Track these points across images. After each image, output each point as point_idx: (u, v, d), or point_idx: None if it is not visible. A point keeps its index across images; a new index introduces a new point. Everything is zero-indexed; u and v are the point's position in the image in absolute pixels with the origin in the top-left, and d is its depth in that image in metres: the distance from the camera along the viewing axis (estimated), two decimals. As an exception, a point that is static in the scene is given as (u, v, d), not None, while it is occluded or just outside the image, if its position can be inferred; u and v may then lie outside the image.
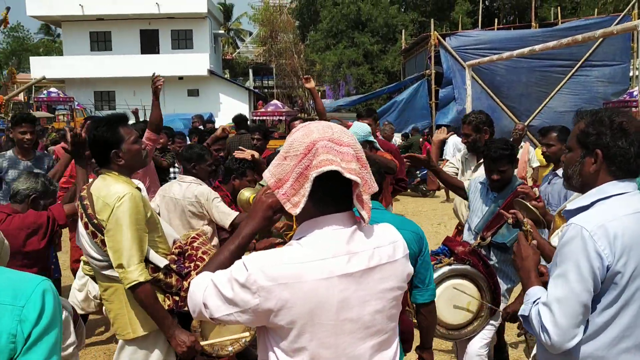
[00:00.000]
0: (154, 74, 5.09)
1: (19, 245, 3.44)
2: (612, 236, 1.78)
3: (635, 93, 17.41)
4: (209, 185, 4.41)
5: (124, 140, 2.82)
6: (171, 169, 6.53)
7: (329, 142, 1.48)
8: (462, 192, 4.03)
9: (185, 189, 4.17)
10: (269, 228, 1.76)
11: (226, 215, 4.07)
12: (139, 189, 2.89)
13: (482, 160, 3.95)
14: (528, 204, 2.56)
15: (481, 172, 3.98)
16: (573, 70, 19.55)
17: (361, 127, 4.80)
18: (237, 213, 4.11)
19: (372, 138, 4.83)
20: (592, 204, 1.89)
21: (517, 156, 7.52)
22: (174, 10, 33.04)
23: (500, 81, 19.86)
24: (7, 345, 1.25)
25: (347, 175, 1.45)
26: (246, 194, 3.98)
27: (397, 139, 17.84)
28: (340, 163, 1.46)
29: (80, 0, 32.62)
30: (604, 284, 1.81)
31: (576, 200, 1.94)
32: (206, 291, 1.52)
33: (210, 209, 4.11)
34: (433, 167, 4.01)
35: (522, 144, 7.76)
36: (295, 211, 1.48)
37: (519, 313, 1.98)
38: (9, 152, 5.15)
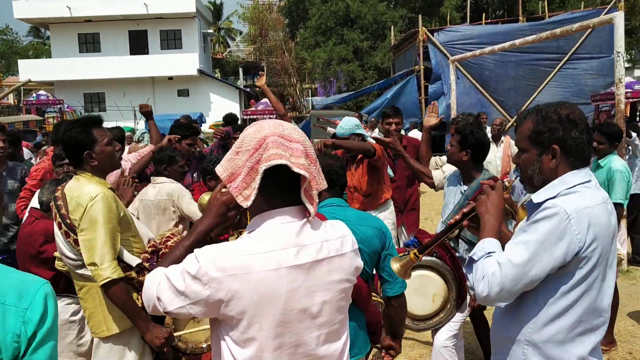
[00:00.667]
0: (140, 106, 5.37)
1: (34, 249, 3.49)
2: (587, 222, 1.81)
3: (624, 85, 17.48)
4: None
5: (96, 142, 2.86)
6: None
7: (279, 138, 1.54)
8: (428, 180, 4.12)
9: (158, 190, 4.23)
10: (224, 225, 1.80)
11: (196, 213, 4.12)
12: (112, 189, 2.93)
13: None
14: None
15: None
16: (561, 64, 19.64)
17: (348, 121, 4.86)
18: None
19: (360, 131, 4.87)
20: (558, 194, 1.90)
21: (500, 149, 7.60)
22: (162, 11, 32.98)
23: (489, 75, 19.93)
24: (11, 344, 1.28)
25: (295, 169, 1.51)
26: (206, 197, 4.03)
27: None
28: (289, 158, 1.51)
29: (68, 2, 32.53)
30: (569, 268, 1.84)
31: (541, 192, 1.94)
32: (160, 285, 1.56)
33: (181, 205, 4.17)
34: (398, 151, 4.08)
35: (503, 138, 7.77)
36: (247, 204, 1.53)
37: (469, 254, 1.99)
38: None
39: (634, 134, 7.07)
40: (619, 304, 4.78)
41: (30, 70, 31.51)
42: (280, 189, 1.56)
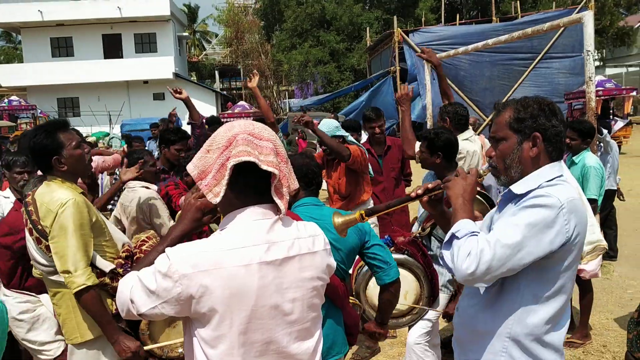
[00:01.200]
0: (175, 88, 5.26)
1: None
2: (575, 214, 1.83)
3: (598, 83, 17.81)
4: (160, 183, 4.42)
5: (64, 146, 2.80)
6: None
7: (249, 136, 1.57)
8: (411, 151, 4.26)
9: (132, 194, 4.15)
10: (199, 230, 1.81)
11: (163, 225, 4.07)
12: (84, 194, 2.88)
13: None
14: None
15: None
16: (534, 63, 19.92)
17: (329, 123, 4.87)
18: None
19: (340, 133, 4.88)
20: (539, 186, 1.88)
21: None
22: (136, 14, 32.67)
23: (464, 76, 20.13)
24: None
25: (264, 166, 1.53)
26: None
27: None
28: (258, 156, 1.54)
29: (39, 5, 32.04)
30: (554, 258, 1.83)
31: (521, 184, 1.92)
32: (132, 288, 1.56)
33: (151, 219, 4.09)
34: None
35: (476, 137, 7.80)
36: (216, 200, 1.55)
37: (450, 230, 1.91)
38: None
39: (605, 131, 7.20)
40: (593, 298, 4.85)
41: (1, 75, 30.95)
42: (250, 187, 1.58)
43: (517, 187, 1.93)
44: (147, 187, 4.22)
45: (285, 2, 32.48)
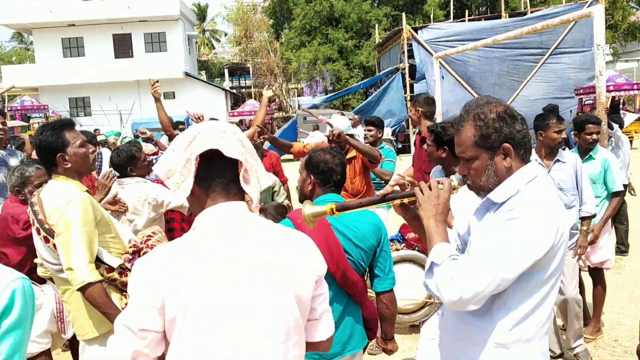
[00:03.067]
0: (151, 80, 5.12)
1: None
2: (556, 217, 1.79)
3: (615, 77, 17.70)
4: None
5: (69, 144, 2.84)
6: None
7: (212, 129, 1.57)
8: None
9: (128, 191, 4.14)
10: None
11: (182, 201, 4.10)
12: (89, 191, 2.91)
13: None
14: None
15: None
16: (544, 58, 19.79)
17: (343, 120, 4.90)
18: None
19: (352, 131, 4.95)
20: (518, 191, 1.84)
21: None
22: (146, 14, 32.83)
23: (473, 72, 20.03)
24: None
25: (228, 154, 1.51)
26: None
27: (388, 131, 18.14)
28: (223, 146, 1.53)
29: (50, 6, 32.27)
30: (541, 264, 1.78)
31: (499, 192, 1.88)
32: (124, 338, 1.48)
33: (165, 204, 4.13)
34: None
35: None
36: (185, 194, 1.53)
37: (429, 259, 1.85)
38: None
39: (615, 126, 7.15)
40: (606, 292, 4.85)
41: (14, 76, 31.22)
42: (218, 178, 1.54)
43: (495, 196, 1.89)
44: (145, 182, 4.22)
45: (293, 1, 32.50)
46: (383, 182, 5.46)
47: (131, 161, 4.21)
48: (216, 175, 1.54)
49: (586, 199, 4.26)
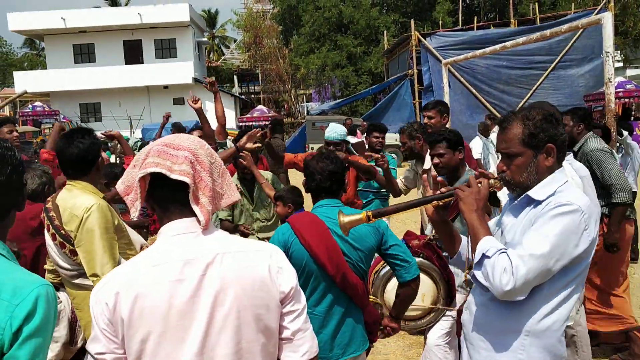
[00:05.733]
0: (193, 97, 5.35)
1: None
2: (594, 218, 1.94)
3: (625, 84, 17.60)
4: None
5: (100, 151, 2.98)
6: None
7: (163, 147, 1.53)
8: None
9: None
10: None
11: None
12: (104, 198, 2.97)
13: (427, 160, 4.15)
14: None
15: None
16: (552, 65, 19.73)
17: (339, 129, 4.95)
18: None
19: (346, 138, 4.97)
20: (555, 191, 1.98)
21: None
22: (156, 20, 33.07)
23: (481, 79, 20.00)
24: None
25: (173, 176, 1.48)
26: None
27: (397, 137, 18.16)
28: (171, 166, 1.49)
29: (62, 13, 32.60)
30: (577, 260, 1.92)
31: (539, 190, 2.00)
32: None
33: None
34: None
35: None
36: (135, 215, 1.54)
37: (479, 250, 1.94)
38: None
39: (625, 132, 7.14)
40: None
41: (25, 81, 31.47)
42: (168, 199, 1.54)
43: (536, 194, 2.00)
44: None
45: (303, 7, 32.62)
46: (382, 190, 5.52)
47: (115, 179, 4.30)
48: (168, 195, 1.53)
49: None
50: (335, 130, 4.86)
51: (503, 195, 3.40)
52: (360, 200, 5.22)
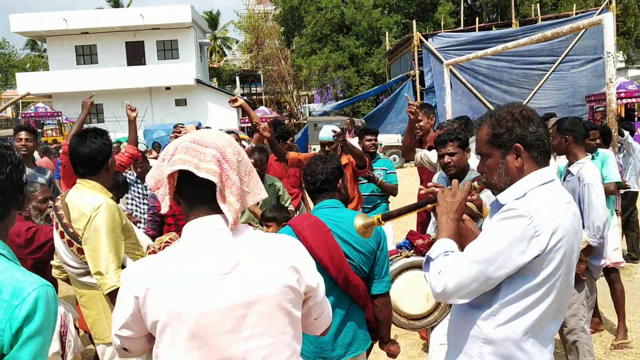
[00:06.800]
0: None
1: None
2: (550, 224, 1.79)
3: (626, 84, 17.61)
4: None
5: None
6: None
7: (191, 143, 1.53)
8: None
9: None
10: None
11: None
12: (113, 198, 3.00)
13: None
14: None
15: None
16: (554, 66, 19.79)
17: (328, 129, 5.11)
18: None
19: (351, 140, 5.13)
20: (525, 194, 1.87)
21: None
22: (158, 21, 33.11)
23: (483, 80, 20.06)
24: None
25: (200, 174, 1.48)
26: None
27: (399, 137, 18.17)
28: (198, 163, 1.49)
29: (64, 14, 32.65)
30: (533, 268, 1.81)
31: (507, 192, 1.92)
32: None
33: None
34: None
35: None
36: (164, 210, 1.56)
37: (427, 253, 1.95)
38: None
39: (626, 133, 7.16)
40: (624, 291, 4.90)
41: (28, 83, 31.55)
42: (196, 195, 1.54)
43: (502, 197, 1.93)
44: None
45: (305, 8, 32.66)
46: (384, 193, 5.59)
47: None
48: (195, 191, 1.54)
49: (585, 222, 3.69)
50: (328, 130, 5.03)
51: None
52: (362, 197, 5.35)
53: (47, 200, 3.85)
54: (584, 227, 3.74)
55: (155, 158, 7.15)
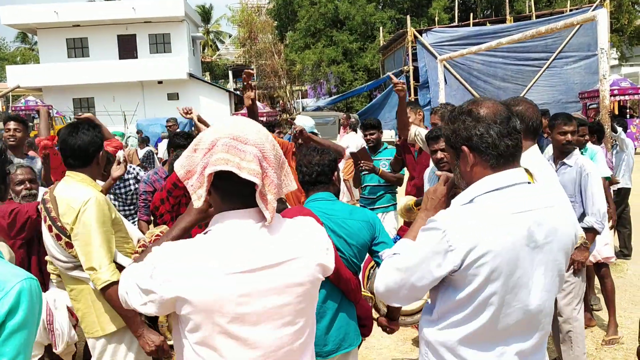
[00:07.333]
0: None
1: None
2: (469, 239, 1.67)
3: (620, 81, 17.67)
4: None
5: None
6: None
7: (232, 140, 1.50)
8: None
9: None
10: (205, 221, 1.81)
11: None
12: (102, 192, 2.96)
13: None
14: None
15: None
16: (548, 63, 19.83)
17: (308, 120, 5.10)
18: None
19: (315, 131, 5.19)
20: (471, 200, 1.77)
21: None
22: (150, 15, 32.93)
23: (477, 76, 20.08)
24: None
25: (243, 175, 1.47)
26: None
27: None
28: (239, 162, 1.47)
29: (55, 6, 32.40)
30: (458, 281, 1.73)
31: (457, 198, 1.84)
32: (129, 281, 1.58)
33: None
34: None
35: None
36: (199, 203, 1.52)
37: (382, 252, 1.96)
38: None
39: (619, 129, 7.17)
40: (614, 287, 4.93)
41: (18, 76, 31.30)
42: (233, 193, 1.54)
43: (453, 201, 1.85)
44: None
45: (298, 2, 32.56)
46: (389, 184, 5.55)
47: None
48: (234, 189, 1.54)
49: (590, 210, 3.87)
50: (303, 122, 5.03)
51: None
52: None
53: (22, 182, 3.88)
54: (588, 215, 3.89)
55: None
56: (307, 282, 1.59)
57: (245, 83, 4.49)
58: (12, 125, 5.17)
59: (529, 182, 1.79)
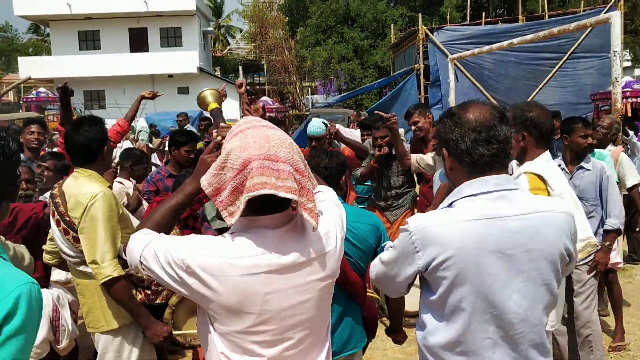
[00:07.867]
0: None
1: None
2: (437, 244, 1.68)
3: (632, 83, 17.50)
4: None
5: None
6: None
7: (265, 161, 1.50)
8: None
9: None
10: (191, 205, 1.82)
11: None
12: (110, 187, 2.97)
13: None
14: None
15: None
16: (560, 63, 19.65)
17: (317, 123, 5.08)
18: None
19: (356, 132, 5.09)
20: (451, 204, 1.78)
21: None
22: (162, 8, 32.99)
23: (489, 75, 19.91)
24: None
25: (282, 195, 1.49)
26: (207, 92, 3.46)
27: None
28: (275, 183, 1.48)
29: (68, -1, 32.55)
30: (430, 283, 1.77)
31: (444, 200, 1.86)
32: (145, 250, 1.59)
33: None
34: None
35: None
36: (231, 220, 1.52)
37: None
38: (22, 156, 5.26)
39: (631, 132, 7.11)
40: (621, 292, 4.87)
41: (30, 67, 31.48)
42: (267, 207, 1.57)
43: (442, 203, 1.87)
44: (121, 183, 4.46)
45: (310, -2, 32.52)
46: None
47: (136, 160, 4.69)
48: (268, 205, 1.56)
49: (612, 211, 3.96)
50: (317, 125, 5.00)
51: None
52: (355, 192, 5.31)
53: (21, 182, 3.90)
54: (610, 217, 3.95)
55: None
56: (328, 277, 1.66)
57: (242, 96, 4.51)
58: (35, 128, 5.34)
59: (514, 189, 1.75)
